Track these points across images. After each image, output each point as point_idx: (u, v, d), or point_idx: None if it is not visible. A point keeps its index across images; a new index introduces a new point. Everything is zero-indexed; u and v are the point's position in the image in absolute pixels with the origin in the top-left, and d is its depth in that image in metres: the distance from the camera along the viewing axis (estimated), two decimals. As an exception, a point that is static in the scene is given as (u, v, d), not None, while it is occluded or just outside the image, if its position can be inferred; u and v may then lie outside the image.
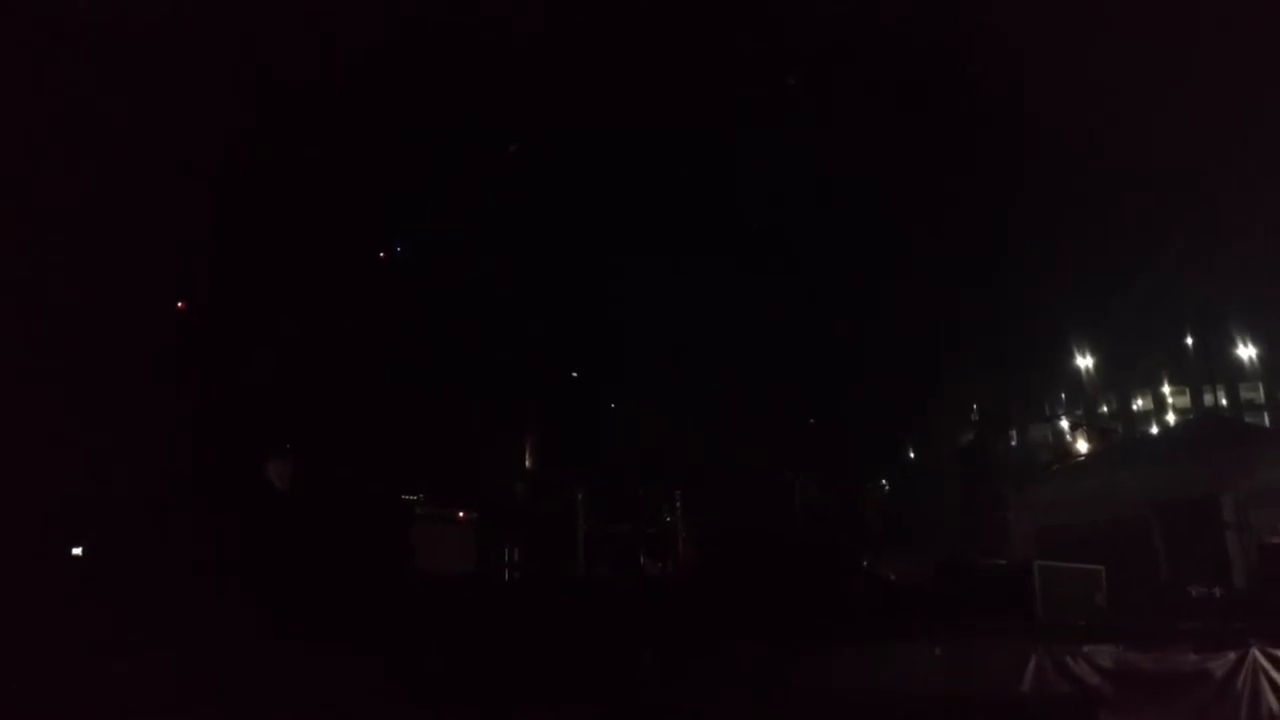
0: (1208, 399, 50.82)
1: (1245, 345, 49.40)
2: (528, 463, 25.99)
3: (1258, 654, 9.60)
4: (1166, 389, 53.30)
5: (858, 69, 27.10)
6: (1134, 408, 53.59)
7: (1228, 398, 50.97)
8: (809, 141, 27.53)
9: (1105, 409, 52.76)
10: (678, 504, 25.15)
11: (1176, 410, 51.81)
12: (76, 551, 14.78)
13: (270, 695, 8.58)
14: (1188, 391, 52.81)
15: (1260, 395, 51.40)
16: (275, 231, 21.82)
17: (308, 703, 8.58)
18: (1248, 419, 42.58)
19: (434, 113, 23.72)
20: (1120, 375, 51.19)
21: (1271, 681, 9.26)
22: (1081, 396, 50.31)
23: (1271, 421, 47.50)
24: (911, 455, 39.26)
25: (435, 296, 25.97)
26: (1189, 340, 49.67)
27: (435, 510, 16.87)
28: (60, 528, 14.55)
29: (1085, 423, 45.11)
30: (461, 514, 18.40)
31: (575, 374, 31.40)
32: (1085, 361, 47.51)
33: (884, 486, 37.44)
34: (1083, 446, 35.33)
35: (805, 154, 27.96)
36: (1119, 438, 42.91)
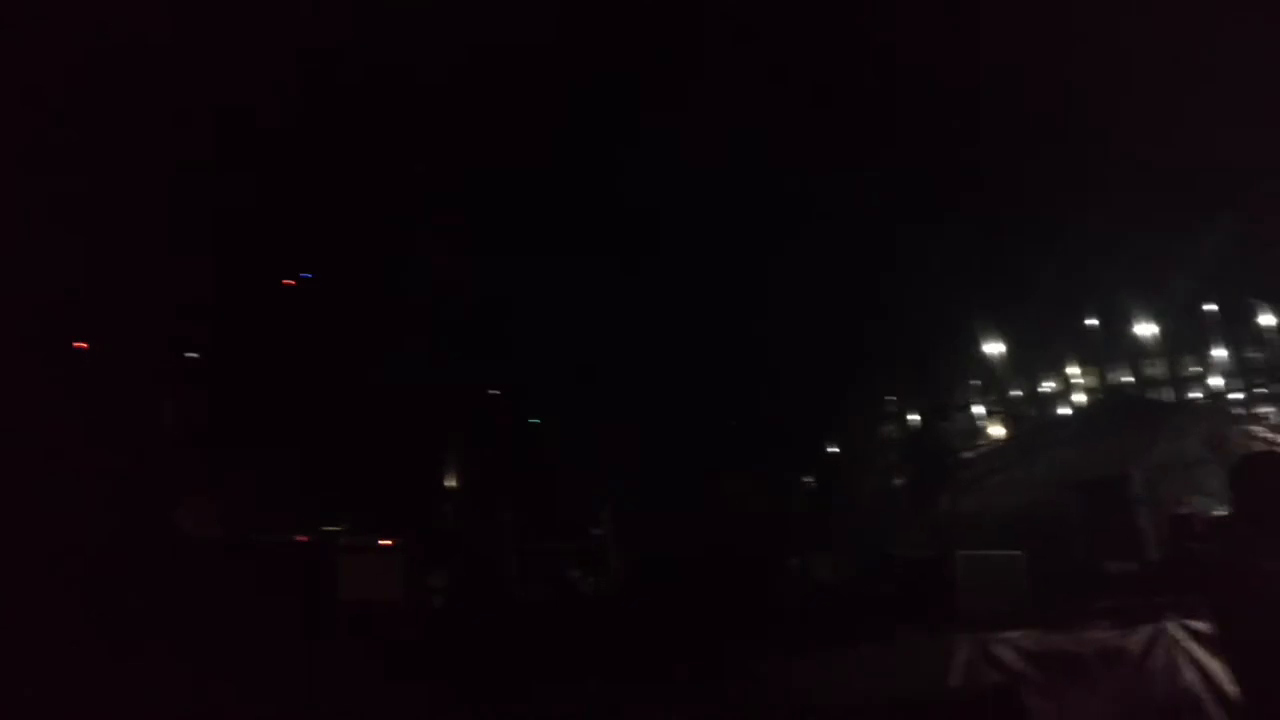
0: (1113, 378, 52.36)
1: (1147, 324, 51.01)
2: (453, 484, 25.74)
3: (1174, 627, 9.85)
4: (1075, 370, 54.73)
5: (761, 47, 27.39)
6: (1044, 390, 54.92)
7: (1133, 376, 52.56)
8: (710, 123, 27.71)
9: (1018, 393, 53.98)
10: (607, 516, 25.07)
11: (1085, 390, 53.23)
12: None
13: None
14: (1095, 372, 54.31)
15: (1162, 371, 53.10)
16: (179, 259, 21.34)
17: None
18: (1151, 395, 43.91)
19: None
20: (1030, 359, 52.43)
21: (1188, 653, 9.49)
22: (994, 383, 51.40)
23: (1175, 396, 49.03)
24: (834, 450, 39.70)
25: (347, 321, 25.60)
26: (1094, 321, 51.12)
27: (358, 540, 16.58)
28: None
29: (999, 408, 46.11)
30: (387, 542, 18.10)
31: (495, 391, 31.20)
32: (996, 347, 48.56)
33: (809, 483, 37.78)
34: (998, 431, 36.11)
35: (707, 139, 28.13)
36: (1031, 421, 43.93)
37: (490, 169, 27.67)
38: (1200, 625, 8.90)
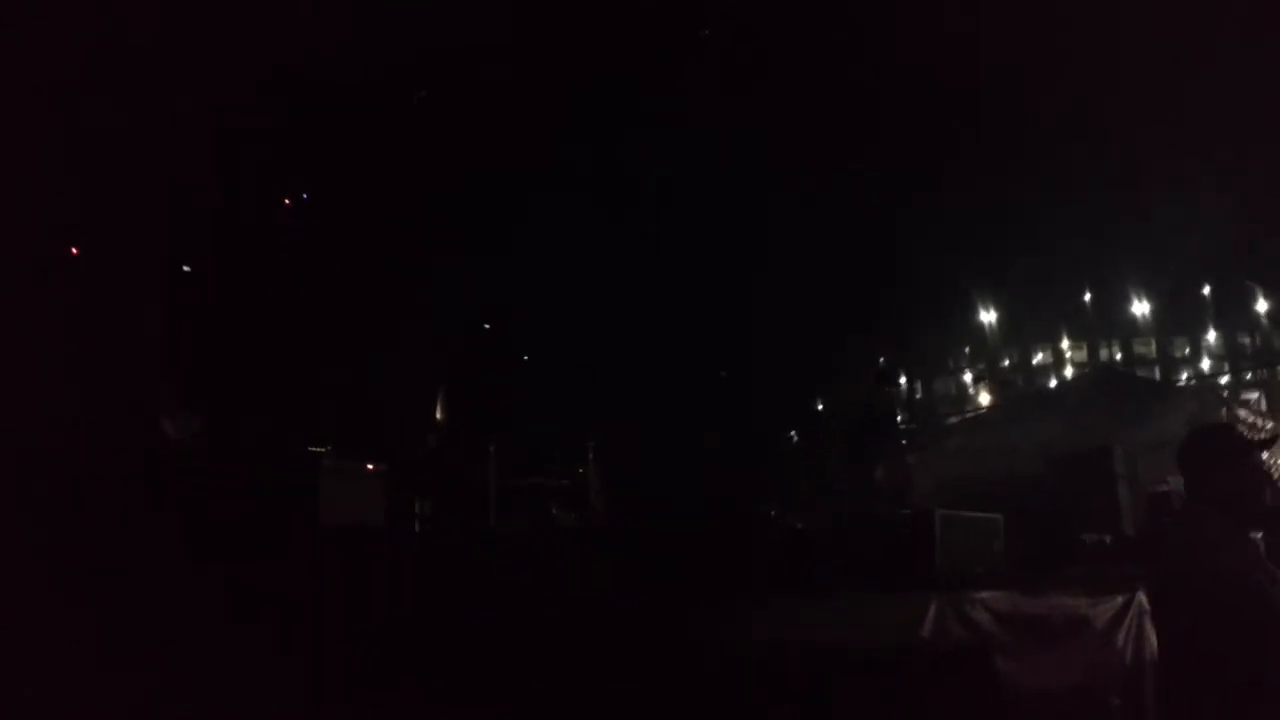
0: (1103, 354, 52.55)
1: (1139, 301, 51.09)
2: (438, 414, 25.78)
3: (1143, 597, 10.01)
4: (1065, 344, 54.94)
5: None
6: (1034, 362, 55.13)
7: (1122, 352, 52.78)
8: (708, 88, 27.55)
9: (1007, 363, 54.19)
10: (590, 455, 25.19)
11: (1074, 364, 53.49)
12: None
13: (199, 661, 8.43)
14: (1085, 346, 54.50)
15: (1152, 350, 53.32)
16: (174, 179, 21.19)
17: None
18: (1139, 373, 44.16)
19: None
20: (1021, 330, 52.59)
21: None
22: (984, 350, 51.59)
23: (1161, 375, 49.33)
24: (820, 407, 39.89)
25: (343, 246, 25.51)
26: (1087, 296, 51.14)
27: (342, 463, 16.60)
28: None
29: (987, 376, 46.28)
30: (370, 466, 18.15)
31: (486, 325, 31.18)
32: (988, 316, 48.61)
33: (792, 438, 37.99)
34: (985, 399, 36.29)
35: (702, 100, 27.94)
36: (1019, 391, 44.14)
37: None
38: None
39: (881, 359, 38.16)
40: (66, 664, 8.26)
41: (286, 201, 26.76)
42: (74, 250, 20.89)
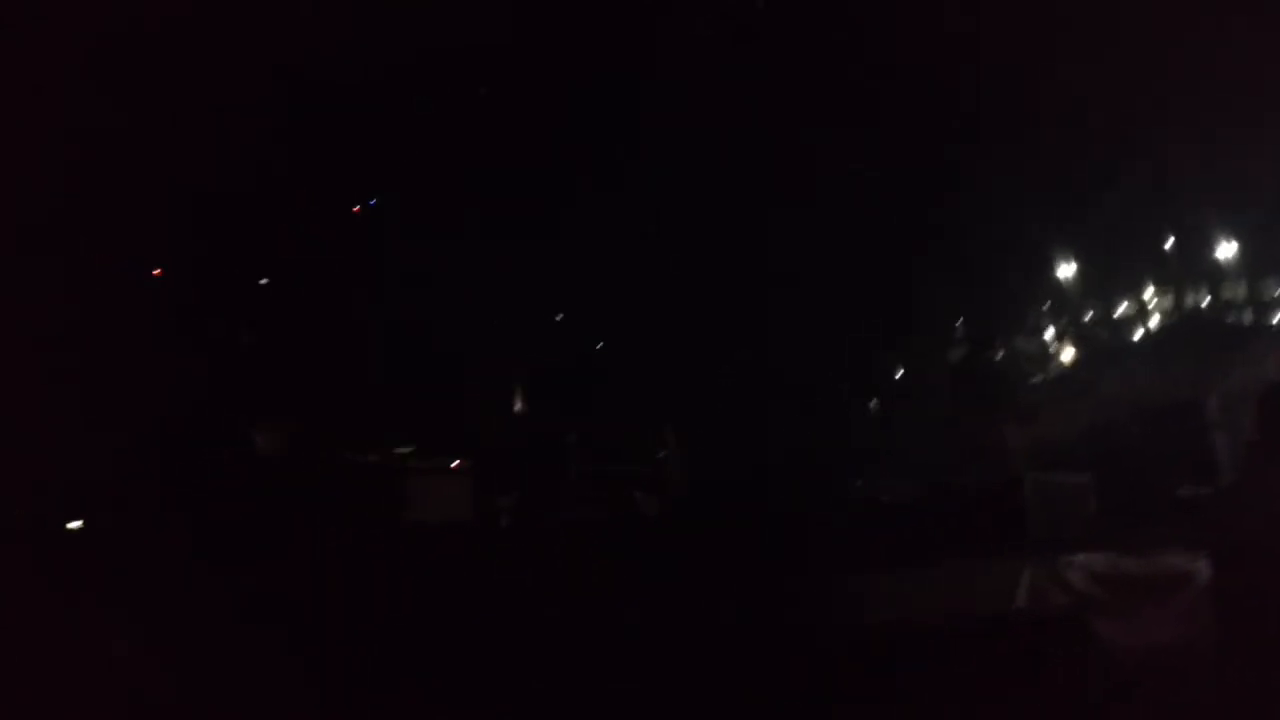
0: (1189, 301, 51.00)
1: (1227, 244, 49.44)
2: (518, 407, 26.03)
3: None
4: (1149, 293, 53.44)
5: None
6: (1117, 314, 53.74)
7: (1210, 298, 51.16)
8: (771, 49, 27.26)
9: (1089, 316, 52.90)
10: (669, 439, 25.21)
11: (1160, 313, 52.03)
12: (73, 525, 14.79)
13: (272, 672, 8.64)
14: (1171, 294, 52.93)
15: (1241, 294, 51.58)
16: (244, 186, 21.64)
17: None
18: (1229, 319, 42.75)
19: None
20: (1103, 281, 51.27)
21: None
22: (1065, 305, 50.42)
23: (1253, 320, 47.71)
24: (898, 374, 39.37)
25: (416, 245, 25.81)
26: (1170, 242, 49.64)
27: (426, 462, 16.89)
28: (55, 501, 14.55)
29: (1070, 332, 45.27)
30: (454, 463, 18.44)
31: (560, 315, 31.36)
32: (1067, 269, 47.48)
33: (871, 407, 37.54)
34: (1068, 356, 35.50)
35: (763, 64, 27.65)
36: (1104, 345, 43.08)
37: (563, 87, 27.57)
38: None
39: (961, 319, 37.66)
40: (169, 657, 8.55)
41: (356, 209, 27.16)
42: (158, 272, 21.50)
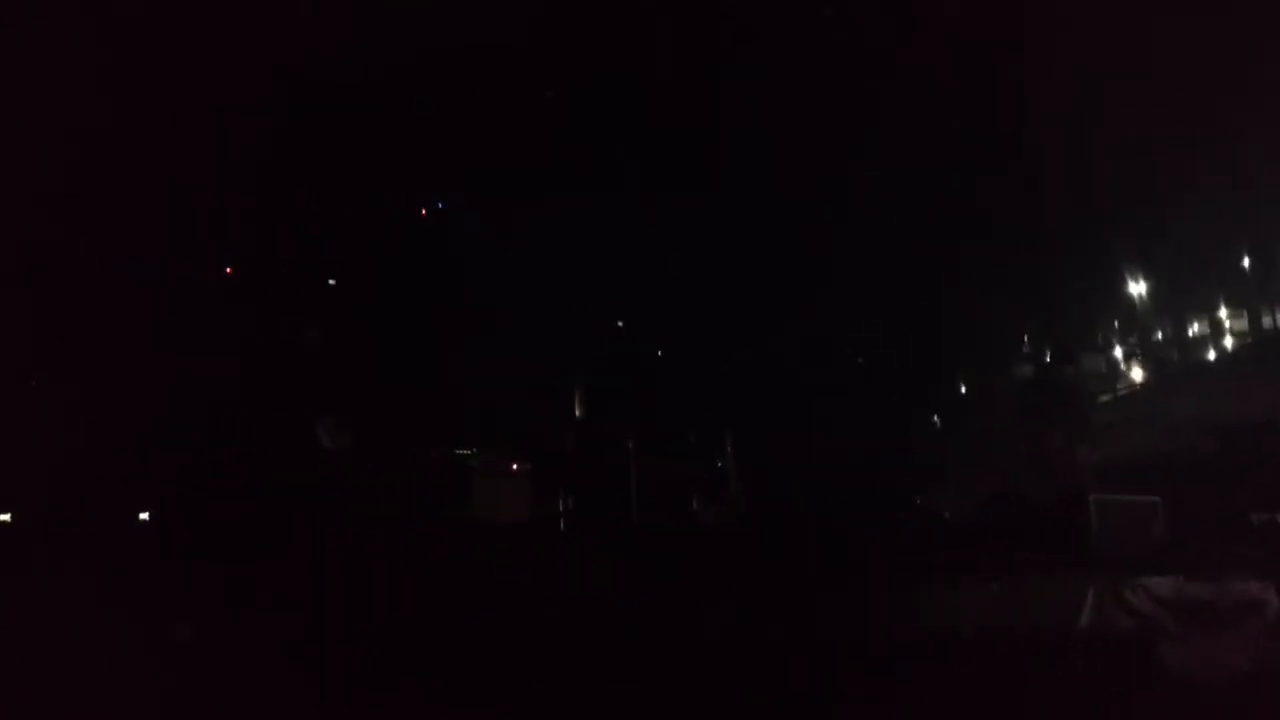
0: (1266, 321, 49.71)
1: (1303, 263, 48.15)
2: (577, 411, 26.15)
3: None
4: (1223, 313, 52.16)
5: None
6: (1190, 333, 52.57)
7: (1286, 318, 49.84)
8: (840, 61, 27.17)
9: (1160, 335, 51.81)
10: (728, 446, 25.20)
11: (1234, 334, 50.78)
12: (144, 516, 15.22)
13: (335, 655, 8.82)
14: (1245, 314, 51.64)
15: (1320, 315, 50.20)
16: (314, 193, 22.11)
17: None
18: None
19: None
20: (1175, 300, 50.16)
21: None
22: (1135, 323, 49.41)
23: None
24: (963, 389, 38.91)
25: (477, 249, 26.08)
26: (1246, 262, 48.45)
27: (489, 463, 17.09)
28: (128, 492, 14.98)
29: (1140, 351, 44.36)
30: (515, 465, 18.63)
31: (620, 322, 31.43)
32: (1138, 287, 46.57)
33: (935, 421, 37.16)
34: (1137, 375, 34.83)
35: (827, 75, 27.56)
36: (1175, 364, 42.19)
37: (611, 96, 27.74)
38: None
39: (1026, 336, 37.12)
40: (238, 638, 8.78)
41: (423, 211, 27.50)
42: (229, 270, 22.00)
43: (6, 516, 13.74)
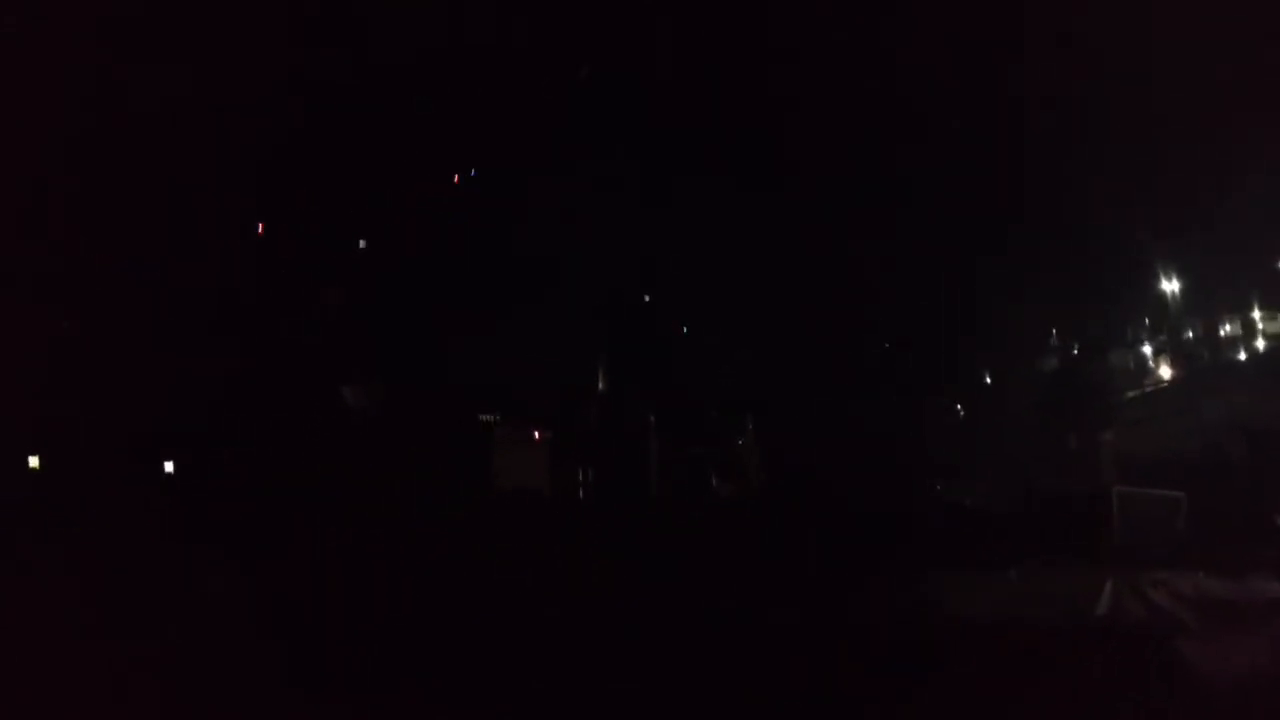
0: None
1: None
2: (601, 385, 26.18)
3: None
4: (1257, 314, 51.54)
5: None
6: (1221, 333, 51.98)
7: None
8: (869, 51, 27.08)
9: (1190, 334, 51.26)
10: (749, 427, 25.18)
11: (1266, 336, 50.17)
12: (168, 467, 15.37)
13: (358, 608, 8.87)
14: (1278, 317, 51.01)
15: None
16: (345, 160, 22.22)
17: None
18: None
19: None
20: (1207, 299, 49.61)
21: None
22: (1166, 321, 48.91)
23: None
24: (987, 380, 38.65)
25: (508, 223, 26.11)
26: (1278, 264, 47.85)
27: (512, 431, 17.15)
28: (153, 446, 15.13)
29: (1169, 348, 43.93)
30: (537, 434, 18.69)
31: (647, 298, 31.40)
32: (1170, 285, 46.06)
33: (958, 410, 36.95)
34: (1166, 373, 34.52)
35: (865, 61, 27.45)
36: (1204, 364, 41.77)
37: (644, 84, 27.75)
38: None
39: (1054, 330, 36.82)
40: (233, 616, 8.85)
41: (455, 179, 27.55)
42: (260, 229, 22.14)
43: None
